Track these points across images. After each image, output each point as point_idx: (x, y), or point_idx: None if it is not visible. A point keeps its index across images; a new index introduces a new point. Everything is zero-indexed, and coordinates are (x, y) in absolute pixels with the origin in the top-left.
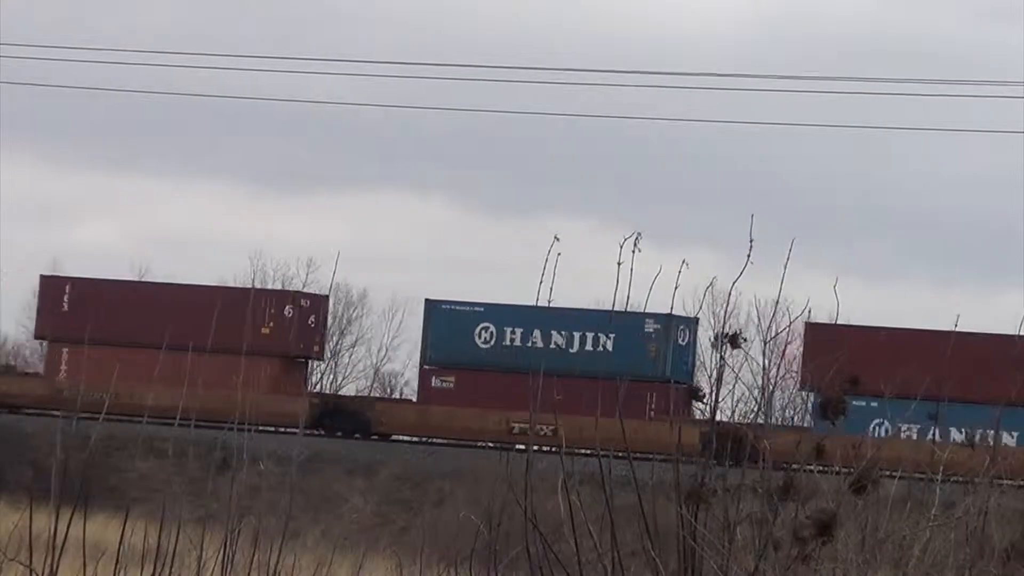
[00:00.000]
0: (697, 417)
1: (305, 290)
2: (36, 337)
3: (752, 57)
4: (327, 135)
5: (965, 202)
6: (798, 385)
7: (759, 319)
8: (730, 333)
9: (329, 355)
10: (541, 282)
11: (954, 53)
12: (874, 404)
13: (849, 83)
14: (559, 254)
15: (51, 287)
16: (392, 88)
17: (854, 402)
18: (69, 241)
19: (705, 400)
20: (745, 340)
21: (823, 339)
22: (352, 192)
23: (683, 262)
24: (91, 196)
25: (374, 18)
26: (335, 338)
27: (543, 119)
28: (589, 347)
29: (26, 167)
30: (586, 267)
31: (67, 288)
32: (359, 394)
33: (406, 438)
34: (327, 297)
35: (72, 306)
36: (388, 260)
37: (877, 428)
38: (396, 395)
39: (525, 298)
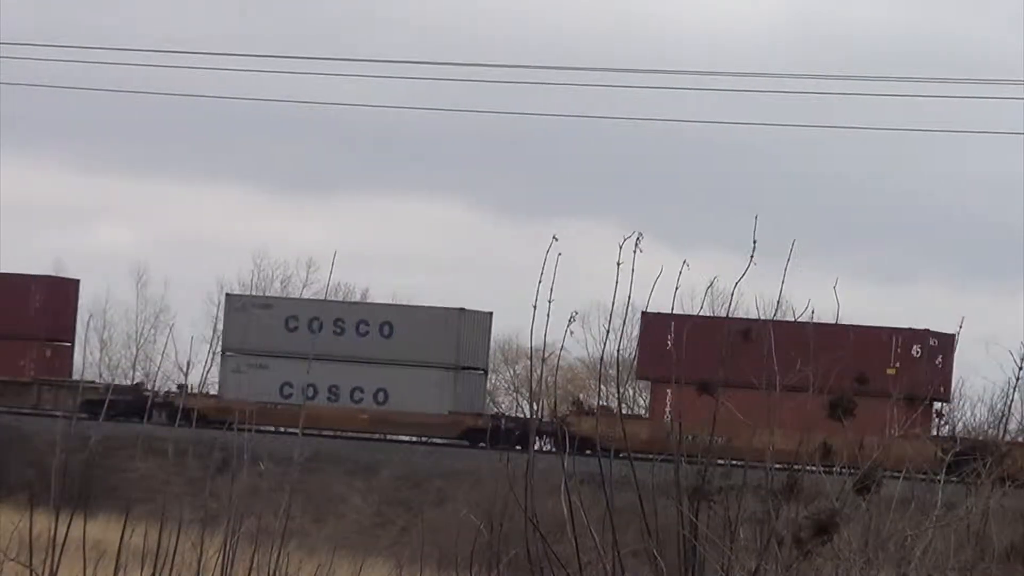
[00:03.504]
0: None
1: (932, 329)
2: (639, 377)
3: (772, 59)
4: (337, 137)
5: (978, 203)
6: None
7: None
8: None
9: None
10: (540, 281)
11: (965, 53)
12: None
13: (862, 84)
14: (559, 255)
15: (653, 324)
16: (404, 90)
17: None
18: (77, 243)
19: None
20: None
21: None
22: (365, 194)
23: (683, 263)
24: (101, 199)
25: (387, 20)
26: None
27: (559, 121)
28: None
29: (33, 168)
30: (607, 269)
31: (671, 325)
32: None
33: (405, 438)
34: (954, 336)
35: (676, 344)
36: (399, 261)
37: None
38: None
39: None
